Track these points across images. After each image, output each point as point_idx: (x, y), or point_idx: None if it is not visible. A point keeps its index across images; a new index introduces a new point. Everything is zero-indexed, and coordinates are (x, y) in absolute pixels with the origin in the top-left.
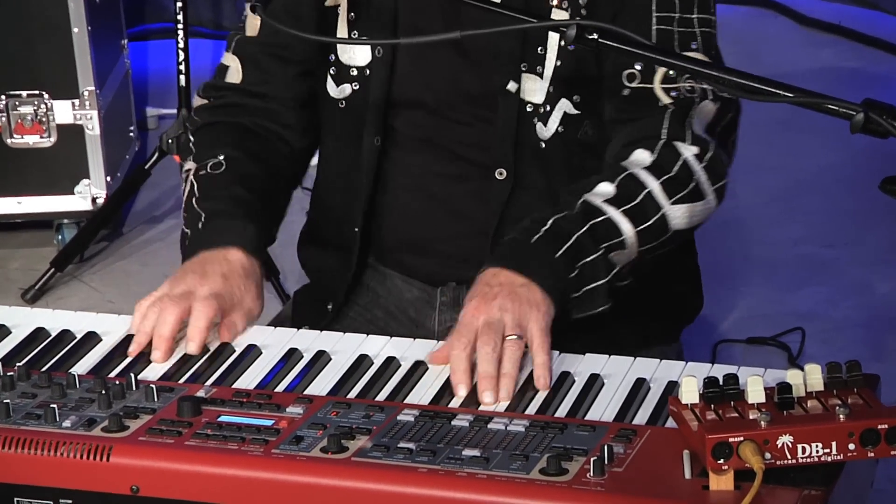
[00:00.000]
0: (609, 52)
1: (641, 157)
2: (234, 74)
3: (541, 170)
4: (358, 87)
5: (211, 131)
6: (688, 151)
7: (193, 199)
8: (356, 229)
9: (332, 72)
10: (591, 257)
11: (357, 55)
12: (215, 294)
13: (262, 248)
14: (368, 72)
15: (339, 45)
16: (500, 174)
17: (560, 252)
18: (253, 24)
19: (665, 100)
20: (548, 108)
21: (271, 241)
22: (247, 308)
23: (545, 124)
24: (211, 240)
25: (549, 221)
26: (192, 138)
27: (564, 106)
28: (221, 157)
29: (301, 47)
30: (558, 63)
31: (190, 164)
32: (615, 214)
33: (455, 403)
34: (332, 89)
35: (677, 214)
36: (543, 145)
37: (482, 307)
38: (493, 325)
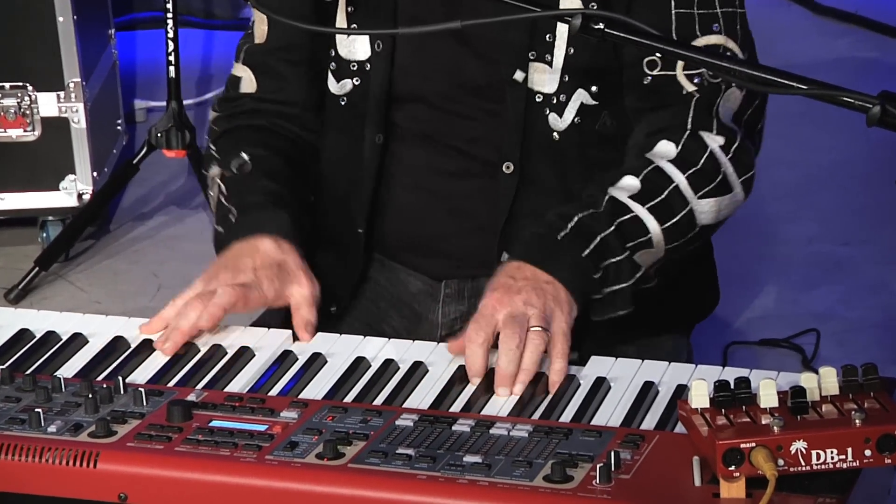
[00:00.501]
0: (616, 42)
1: (666, 148)
2: (248, 84)
3: (551, 164)
4: (359, 82)
5: (231, 136)
6: (714, 142)
7: (222, 198)
8: (360, 230)
9: (332, 67)
10: (617, 259)
11: (357, 49)
12: (245, 285)
13: (296, 233)
14: (369, 66)
15: (338, 40)
16: (507, 168)
17: (587, 252)
18: (261, 30)
19: (689, 87)
20: (562, 98)
21: (307, 237)
22: (299, 298)
23: (560, 115)
24: (243, 231)
25: (576, 218)
26: (213, 147)
27: (581, 96)
28: (245, 157)
29: (307, 46)
30: (570, 51)
31: (215, 170)
32: (641, 212)
33: (456, 407)
34: (333, 85)
35: (705, 209)
36: (557, 137)
37: (505, 300)
38: (517, 319)
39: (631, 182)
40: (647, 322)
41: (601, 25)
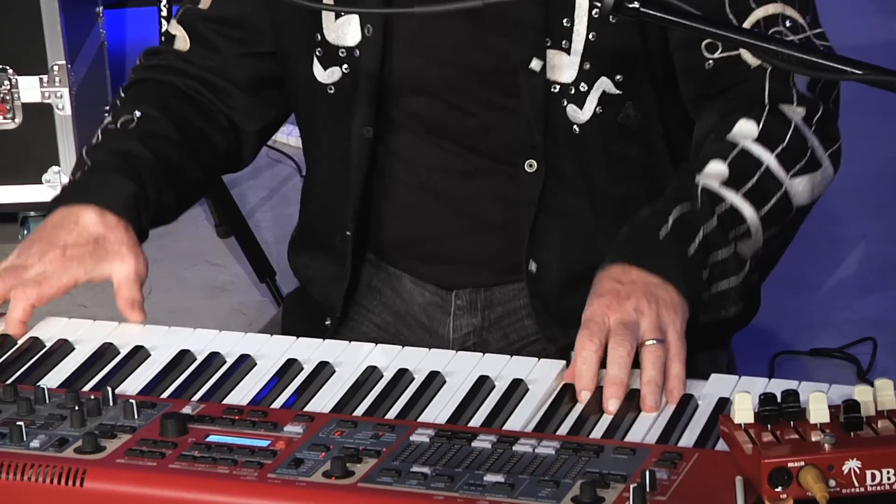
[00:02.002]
0: (655, 24)
1: (747, 127)
2: (181, 43)
3: (572, 159)
4: (348, 70)
5: (139, 88)
6: (796, 115)
7: (86, 149)
8: (348, 233)
9: (318, 53)
10: (723, 254)
11: (346, 34)
12: (44, 276)
13: (132, 207)
14: (358, 52)
15: (325, 24)
16: (530, 166)
17: (693, 250)
18: None
19: (755, 62)
20: (583, 87)
21: (170, 214)
22: (121, 276)
23: (580, 106)
24: (73, 196)
25: (674, 214)
26: (121, 94)
27: (604, 85)
28: (137, 114)
29: (251, 26)
30: (591, 36)
31: (107, 119)
32: (736, 199)
33: (476, 422)
34: (320, 73)
35: (799, 189)
36: (577, 130)
37: (614, 305)
38: (628, 326)
39: (718, 168)
40: None
41: (636, 4)
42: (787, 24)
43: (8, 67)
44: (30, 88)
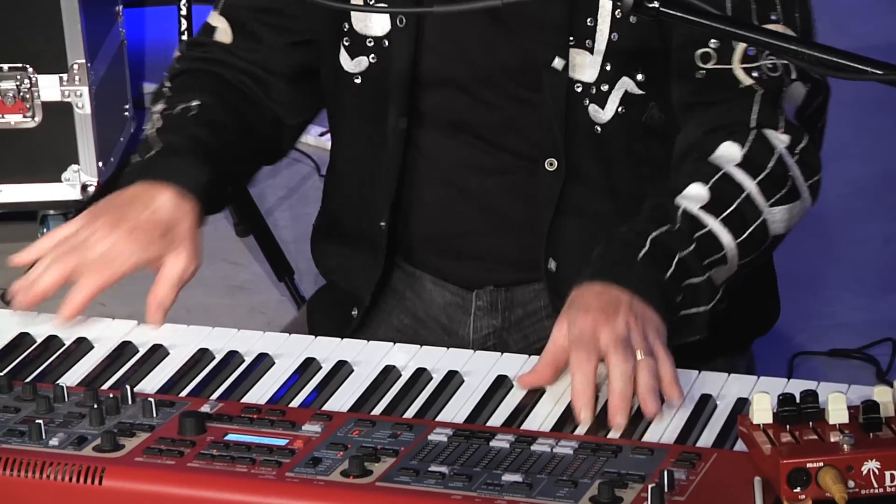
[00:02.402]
0: (672, 23)
1: (731, 151)
2: (223, 35)
3: (594, 159)
4: (376, 59)
5: (190, 78)
6: (780, 143)
7: (153, 132)
8: (382, 224)
9: (345, 42)
10: (696, 280)
11: (374, 23)
12: (110, 258)
13: (207, 193)
14: (387, 43)
15: (353, 13)
16: (551, 165)
17: (668, 274)
18: None
19: (746, 81)
20: (605, 87)
21: (222, 204)
22: (169, 271)
23: (602, 106)
24: (153, 172)
25: (652, 236)
26: (167, 84)
27: (626, 85)
28: (196, 102)
29: (294, 14)
30: (614, 36)
31: (159, 106)
32: (715, 225)
33: (495, 421)
34: (347, 62)
35: (776, 218)
36: (599, 130)
37: (603, 320)
38: (624, 342)
39: (699, 191)
40: (697, 345)
41: (655, 3)
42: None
43: (28, 66)
44: (49, 87)
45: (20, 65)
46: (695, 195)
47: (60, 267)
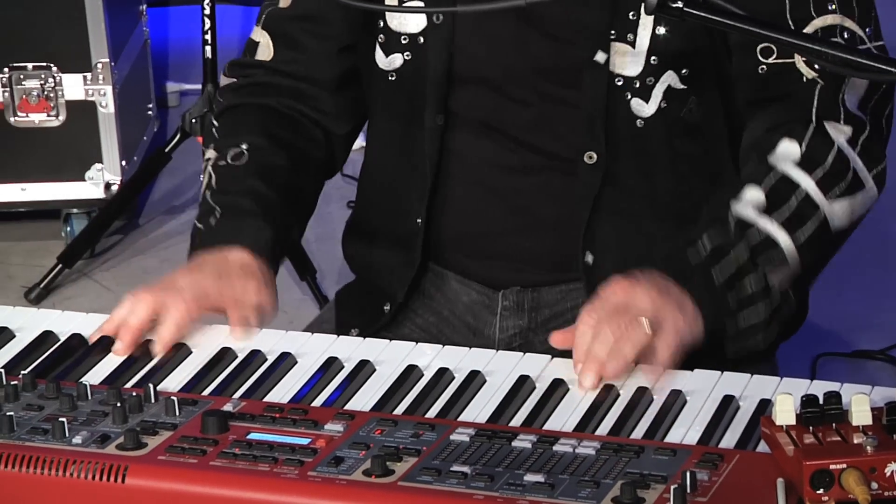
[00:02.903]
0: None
1: (790, 149)
2: (265, 51)
3: (634, 154)
4: (410, 56)
5: (235, 115)
6: (840, 135)
7: (209, 193)
8: (418, 220)
9: (380, 40)
10: (753, 286)
11: (409, 21)
12: (199, 289)
13: (272, 251)
14: (422, 40)
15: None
16: (590, 158)
17: (723, 279)
18: None
19: (809, 74)
20: (650, 80)
21: (294, 240)
22: (249, 303)
23: (646, 100)
24: (217, 239)
25: (707, 241)
26: (215, 123)
27: (670, 79)
28: (244, 147)
29: (337, 20)
30: (659, 30)
31: (211, 153)
32: (771, 228)
33: (517, 421)
34: (381, 60)
35: (837, 213)
36: (641, 124)
37: (625, 286)
38: (628, 309)
39: (755, 195)
40: (721, 352)
41: (679, 3)
42: (845, 35)
43: (52, 65)
44: (73, 86)
45: (44, 64)
46: (751, 199)
47: (149, 300)
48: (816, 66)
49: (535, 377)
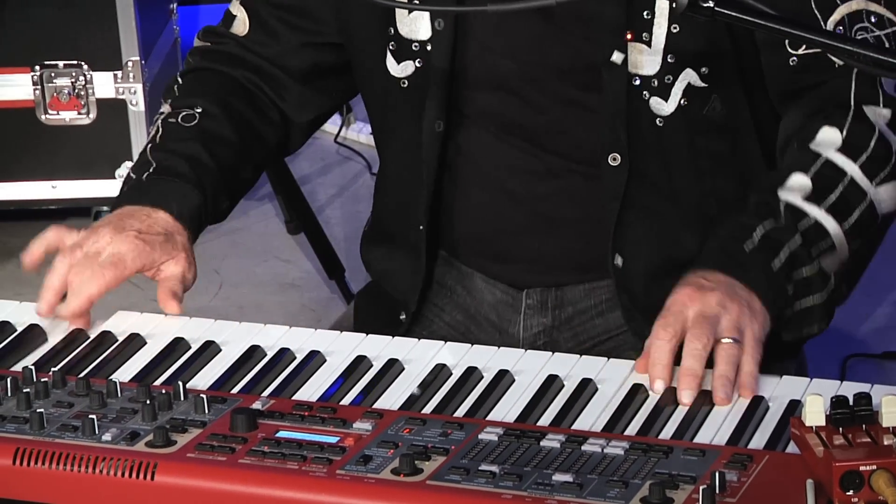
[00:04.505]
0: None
1: (831, 135)
2: (241, 26)
3: (655, 153)
4: (421, 63)
5: (198, 77)
6: (880, 118)
7: (150, 146)
8: (421, 228)
9: (391, 47)
10: (807, 271)
11: (419, 28)
12: (117, 258)
13: (197, 219)
14: (430, 47)
15: (398, 18)
16: (614, 160)
17: (778, 266)
18: None
19: (840, 60)
20: (668, 79)
21: (221, 216)
22: (174, 275)
23: (665, 98)
24: (145, 198)
25: (760, 230)
26: (178, 80)
27: (689, 77)
28: (198, 110)
29: (314, 15)
30: (674, 29)
31: (165, 108)
32: (819, 214)
33: (545, 421)
34: (393, 67)
35: (883, 197)
36: (661, 123)
37: (697, 297)
38: (708, 319)
39: (801, 181)
40: None
41: (710, 3)
42: (872, 19)
43: (83, 63)
44: (104, 84)
45: (75, 62)
46: (797, 186)
47: (67, 262)
48: None
49: (564, 376)
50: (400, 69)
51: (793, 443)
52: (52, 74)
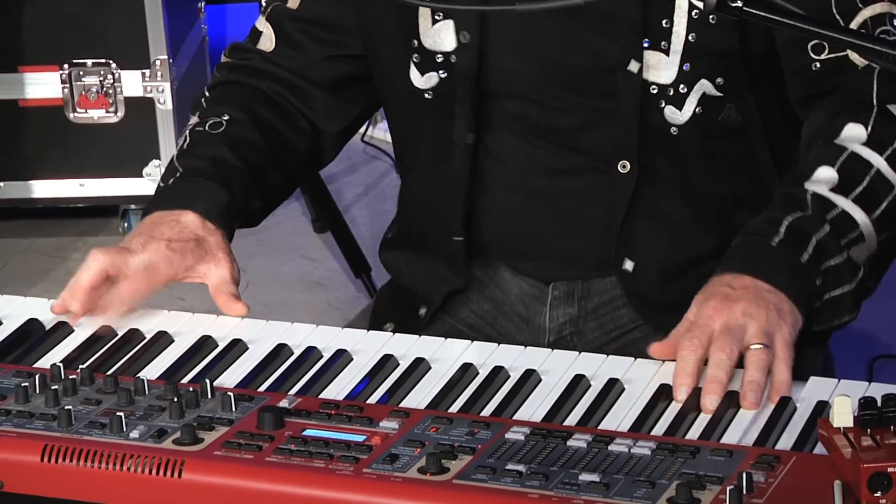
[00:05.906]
0: (754, 22)
1: (856, 132)
2: (267, 42)
3: (669, 159)
4: (445, 75)
5: (225, 89)
6: None
7: (177, 154)
8: (457, 238)
9: (415, 59)
10: (836, 261)
11: (443, 39)
12: (150, 266)
13: (226, 216)
14: (454, 58)
15: (422, 30)
16: (624, 167)
17: (806, 257)
18: None
19: (862, 62)
20: (683, 88)
21: (254, 218)
22: (223, 279)
23: (679, 108)
24: (172, 200)
25: (786, 222)
26: (206, 94)
27: (704, 87)
28: (225, 117)
29: (340, 28)
30: (691, 37)
31: (193, 119)
32: (847, 205)
33: (572, 421)
34: (417, 79)
35: None
36: (675, 132)
37: (723, 309)
38: (732, 331)
39: (827, 173)
40: None
41: (739, 3)
42: (895, 22)
43: (111, 61)
44: (132, 82)
45: (103, 60)
46: (824, 178)
47: (102, 259)
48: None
49: (591, 376)
50: (424, 81)
51: (820, 444)
52: (81, 73)
